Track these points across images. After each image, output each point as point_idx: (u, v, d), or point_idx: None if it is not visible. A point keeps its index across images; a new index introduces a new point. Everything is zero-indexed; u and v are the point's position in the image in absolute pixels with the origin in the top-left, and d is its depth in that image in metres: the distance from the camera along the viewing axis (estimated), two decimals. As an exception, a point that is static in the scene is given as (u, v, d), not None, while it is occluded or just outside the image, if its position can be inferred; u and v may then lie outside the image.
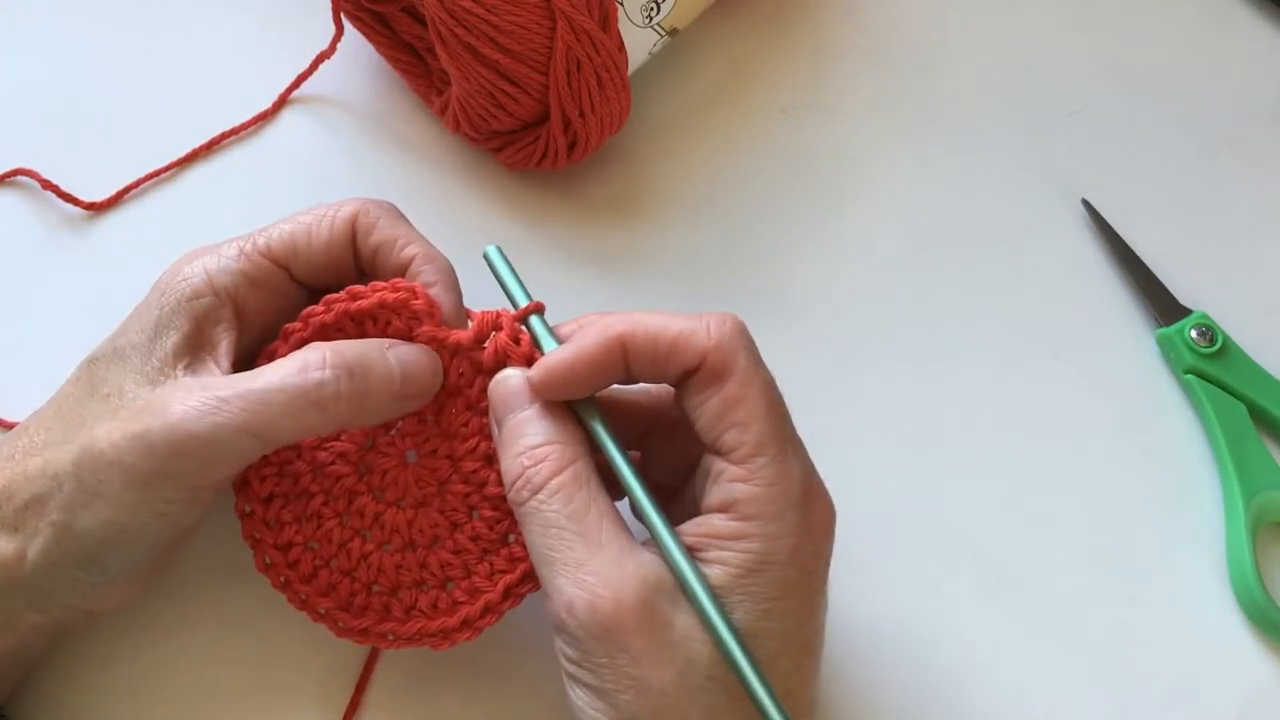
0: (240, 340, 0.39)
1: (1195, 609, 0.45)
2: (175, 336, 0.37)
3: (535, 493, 0.35)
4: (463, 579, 0.38)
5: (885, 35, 0.57)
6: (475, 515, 0.39)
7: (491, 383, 0.37)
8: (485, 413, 0.38)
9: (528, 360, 0.37)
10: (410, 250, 0.39)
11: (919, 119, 0.54)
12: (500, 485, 0.37)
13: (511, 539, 0.39)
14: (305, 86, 0.52)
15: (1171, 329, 0.49)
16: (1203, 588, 0.46)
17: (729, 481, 0.34)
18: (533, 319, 0.38)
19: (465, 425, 0.39)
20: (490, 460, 0.38)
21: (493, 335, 0.38)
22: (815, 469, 0.36)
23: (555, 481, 0.35)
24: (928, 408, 0.48)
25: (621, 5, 0.46)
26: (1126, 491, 0.47)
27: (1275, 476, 0.46)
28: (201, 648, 0.42)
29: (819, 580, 0.35)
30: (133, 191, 0.49)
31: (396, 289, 0.38)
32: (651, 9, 0.48)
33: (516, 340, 0.38)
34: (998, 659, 0.44)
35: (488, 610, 0.38)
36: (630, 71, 0.48)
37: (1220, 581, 0.46)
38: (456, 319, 0.39)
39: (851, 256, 0.51)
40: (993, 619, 0.44)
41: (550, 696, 0.35)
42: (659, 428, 0.40)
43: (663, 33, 0.50)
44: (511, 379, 0.37)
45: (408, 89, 0.52)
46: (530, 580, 0.38)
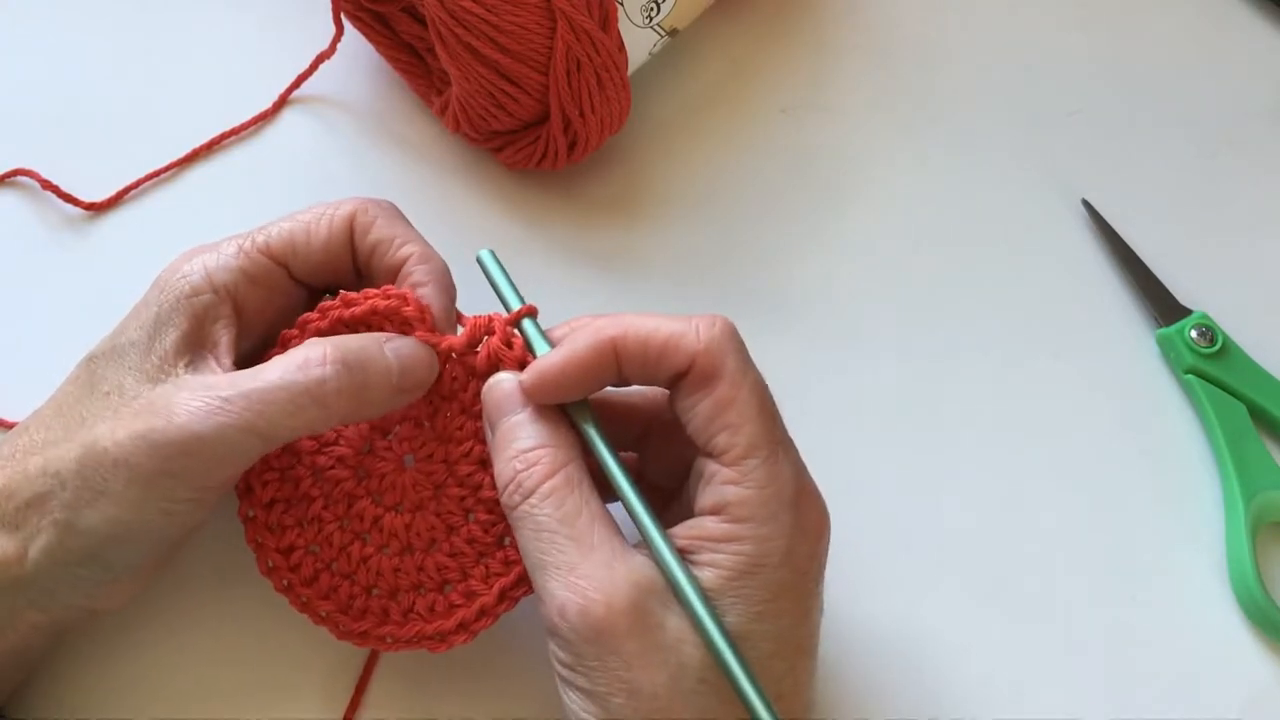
0: (240, 337, 0.39)
1: (1195, 609, 0.45)
2: (175, 334, 0.37)
3: (527, 497, 0.35)
4: (459, 582, 0.39)
5: (885, 35, 0.57)
6: (471, 519, 0.39)
7: (484, 387, 0.37)
8: (480, 417, 0.38)
9: (520, 364, 0.37)
10: (405, 250, 0.39)
11: (919, 119, 0.54)
12: (495, 489, 0.37)
13: (507, 542, 0.39)
14: (305, 86, 0.52)
15: (1171, 329, 0.49)
16: (1203, 588, 0.46)
17: (721, 484, 0.34)
18: (525, 322, 0.38)
19: (460, 429, 0.39)
20: (485, 464, 0.38)
21: (485, 339, 0.38)
22: (807, 470, 0.36)
23: (547, 485, 0.35)
24: (927, 408, 0.48)
25: (621, 5, 0.46)
26: (1126, 491, 0.47)
27: (1275, 476, 0.46)
28: (202, 648, 0.42)
29: (812, 582, 0.35)
30: (133, 191, 0.50)
31: (388, 296, 0.38)
32: (651, 9, 0.48)
33: (509, 344, 0.38)
34: (997, 659, 0.44)
35: (483, 613, 0.38)
36: (630, 71, 0.48)
37: (1220, 581, 0.46)
38: (446, 320, 0.39)
39: (851, 256, 0.51)
40: (992, 619, 0.44)
41: (552, 696, 0.35)
42: (655, 429, 0.40)
43: (663, 33, 0.50)
44: (504, 383, 0.37)
45: (408, 89, 0.52)
46: (525, 583, 0.37)
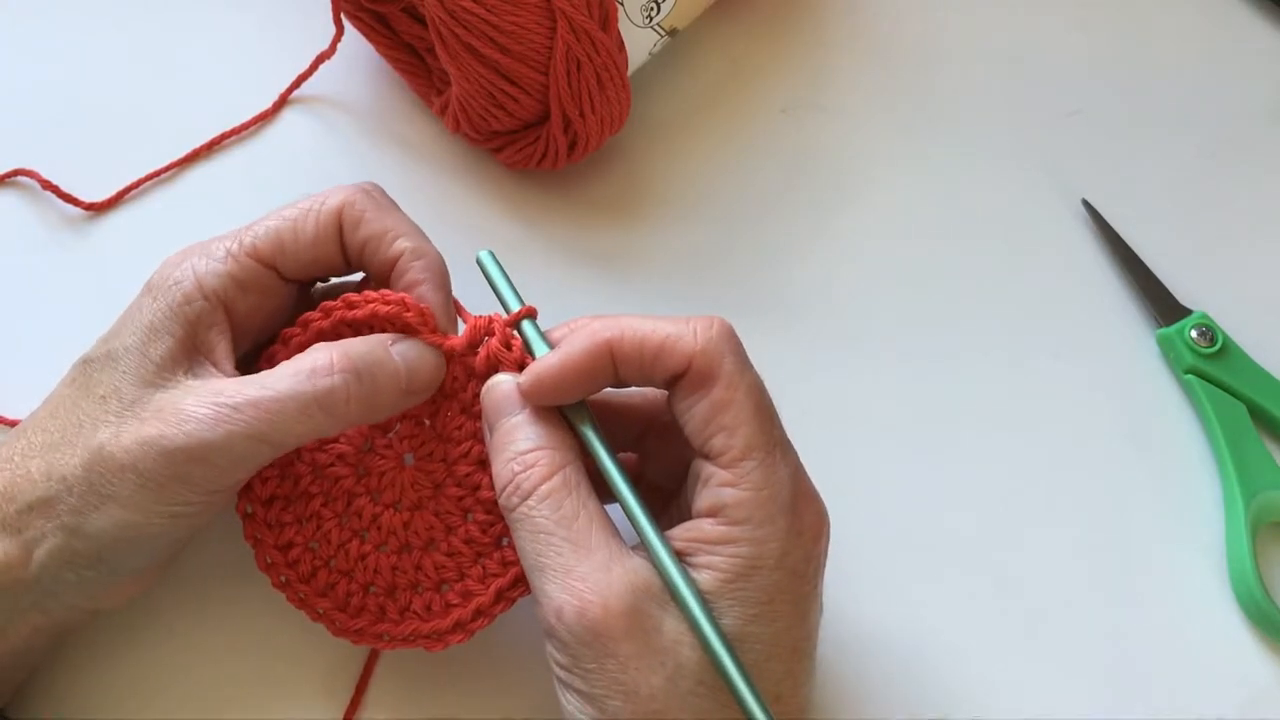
0: (235, 340, 0.38)
1: (1195, 609, 0.45)
2: (170, 341, 0.37)
3: (525, 498, 0.35)
4: (457, 581, 0.39)
5: (885, 35, 0.56)
6: (469, 518, 0.39)
7: (483, 389, 0.37)
8: (479, 417, 0.38)
9: (519, 365, 0.37)
10: (399, 245, 0.39)
11: (919, 119, 0.54)
12: (493, 490, 0.37)
13: (505, 542, 0.39)
14: (305, 87, 0.52)
15: (1171, 329, 0.49)
16: (1203, 588, 0.46)
17: (717, 486, 0.34)
18: (524, 324, 0.38)
19: (459, 429, 0.39)
20: (484, 464, 0.38)
21: (485, 341, 0.38)
22: (805, 472, 0.36)
23: (545, 487, 0.35)
24: (927, 408, 0.48)
25: (621, 5, 0.46)
26: (1126, 491, 0.47)
27: (1275, 476, 0.46)
28: (203, 646, 0.42)
29: (810, 584, 0.35)
30: (133, 192, 0.50)
31: (388, 301, 0.38)
32: (651, 9, 0.48)
33: (508, 346, 0.38)
34: (997, 659, 0.44)
35: (479, 614, 0.38)
36: (630, 71, 0.48)
37: (1220, 581, 0.46)
38: (445, 316, 0.39)
39: (851, 256, 0.51)
40: (992, 619, 0.44)
41: (553, 696, 0.35)
42: (654, 430, 0.40)
43: (663, 33, 0.49)
44: (502, 384, 0.37)
45: (408, 89, 0.52)
46: (522, 584, 0.38)
